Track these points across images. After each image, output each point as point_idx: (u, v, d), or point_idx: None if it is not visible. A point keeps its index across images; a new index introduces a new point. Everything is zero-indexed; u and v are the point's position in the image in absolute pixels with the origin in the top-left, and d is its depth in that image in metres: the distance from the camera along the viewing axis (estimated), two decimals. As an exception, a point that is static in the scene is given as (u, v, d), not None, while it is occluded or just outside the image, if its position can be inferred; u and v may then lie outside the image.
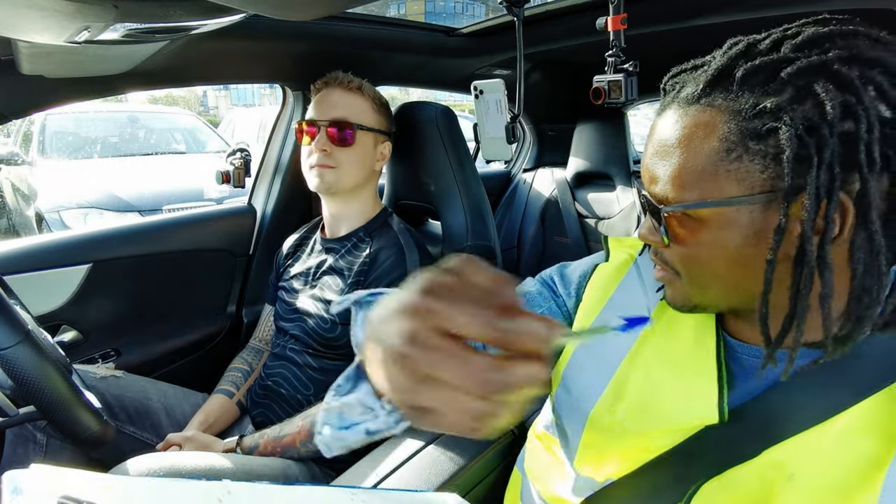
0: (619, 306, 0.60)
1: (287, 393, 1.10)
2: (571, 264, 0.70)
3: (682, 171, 0.44)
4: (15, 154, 4.12)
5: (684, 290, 0.49)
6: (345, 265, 1.11)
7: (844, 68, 0.39)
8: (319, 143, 1.09)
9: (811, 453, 0.44)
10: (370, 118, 1.14)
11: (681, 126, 0.44)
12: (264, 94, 19.36)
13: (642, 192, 0.49)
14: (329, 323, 1.08)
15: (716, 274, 0.46)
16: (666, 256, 0.49)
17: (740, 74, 0.42)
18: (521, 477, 0.71)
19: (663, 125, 0.46)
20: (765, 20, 1.02)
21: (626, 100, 0.89)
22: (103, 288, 1.25)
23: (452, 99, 15.50)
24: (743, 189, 0.42)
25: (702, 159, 0.43)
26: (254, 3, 0.58)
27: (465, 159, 1.28)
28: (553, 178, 2.11)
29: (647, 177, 0.48)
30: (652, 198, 0.47)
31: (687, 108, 0.45)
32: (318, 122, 1.10)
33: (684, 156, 0.44)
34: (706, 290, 0.48)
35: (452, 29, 1.46)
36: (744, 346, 0.52)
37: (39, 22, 0.58)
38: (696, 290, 0.48)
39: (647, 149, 0.48)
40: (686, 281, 0.48)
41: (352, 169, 1.11)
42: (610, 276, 0.63)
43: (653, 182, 0.47)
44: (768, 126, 0.40)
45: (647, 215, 0.49)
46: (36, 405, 0.75)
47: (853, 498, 0.41)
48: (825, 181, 0.39)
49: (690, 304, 0.50)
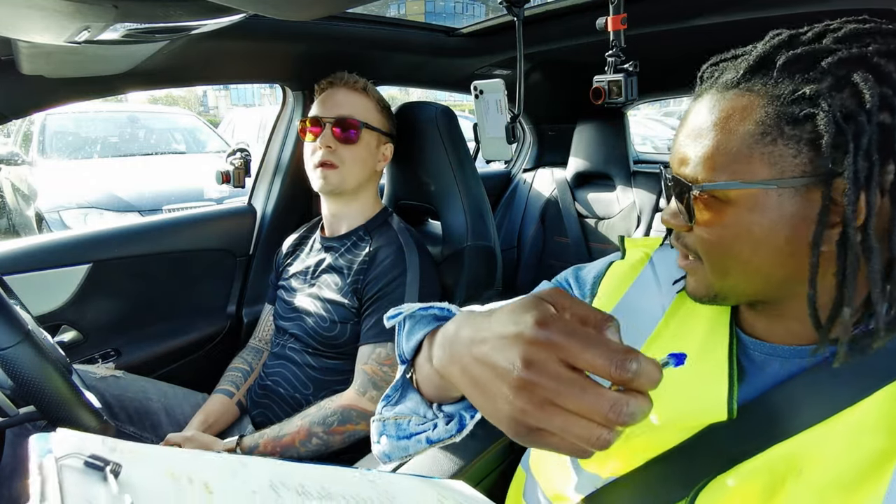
0: (632, 303, 0.61)
1: (286, 392, 1.11)
2: (586, 266, 0.71)
3: (715, 152, 0.45)
4: (15, 154, 4.12)
5: (706, 278, 0.49)
6: (344, 263, 1.11)
7: (883, 62, 0.41)
8: (324, 139, 1.09)
9: (820, 448, 0.44)
10: (374, 118, 1.14)
11: (718, 109, 0.45)
12: (264, 94, 19.35)
13: (669, 176, 0.50)
14: (328, 322, 1.08)
15: (739, 258, 0.46)
16: (688, 241, 0.49)
17: (781, 61, 0.43)
18: (525, 475, 0.71)
19: (699, 109, 0.47)
20: (765, 20, 1.02)
21: (626, 100, 0.89)
22: (103, 288, 1.25)
23: (452, 99, 15.50)
24: (774, 173, 0.43)
25: (736, 141, 0.44)
26: (254, 3, 0.58)
27: (465, 159, 1.28)
28: (553, 178, 2.11)
29: (676, 159, 0.48)
30: (682, 179, 0.47)
31: (725, 93, 0.46)
32: (323, 119, 1.10)
33: (718, 138, 0.45)
34: (728, 276, 0.48)
35: (452, 29, 1.46)
36: (756, 342, 0.52)
37: (39, 22, 0.58)
38: (717, 277, 0.48)
39: (679, 132, 0.49)
40: (708, 267, 0.48)
41: (355, 167, 1.12)
42: (625, 274, 0.64)
43: (683, 164, 0.47)
44: (805, 112, 0.41)
45: (673, 199, 0.50)
46: (36, 405, 0.75)
47: (860, 493, 0.41)
48: (864, 167, 0.40)
49: (712, 293, 0.50)
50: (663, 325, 0.57)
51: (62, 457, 0.28)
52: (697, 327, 0.55)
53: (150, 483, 0.30)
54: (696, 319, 0.56)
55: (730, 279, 0.48)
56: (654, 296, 0.60)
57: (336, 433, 0.98)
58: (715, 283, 0.49)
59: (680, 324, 0.57)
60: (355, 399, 1.00)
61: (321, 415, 0.99)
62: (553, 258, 2.10)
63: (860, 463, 0.42)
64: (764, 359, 0.51)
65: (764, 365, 0.51)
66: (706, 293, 0.50)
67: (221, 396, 1.16)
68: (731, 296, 0.50)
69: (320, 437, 0.98)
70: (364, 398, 1.00)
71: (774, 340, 0.51)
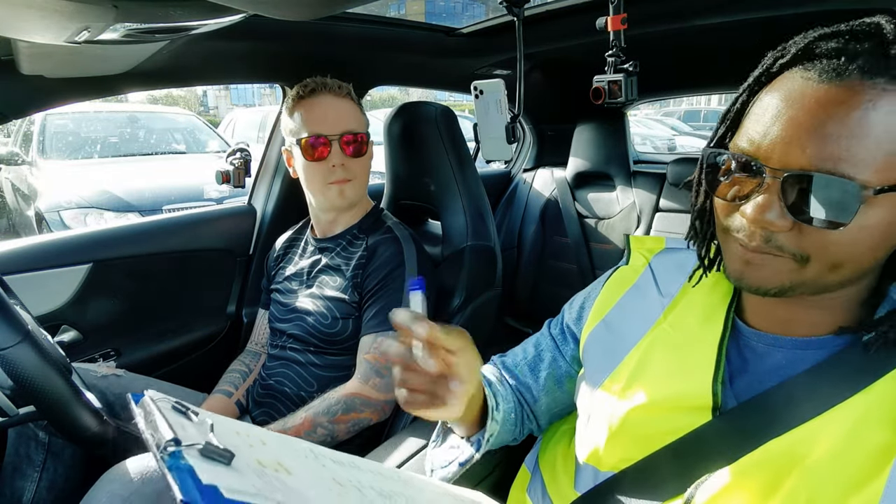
0: (628, 305, 0.64)
1: (291, 391, 1.11)
2: (578, 294, 0.75)
3: (886, 152, 0.40)
4: (15, 154, 4.12)
5: (792, 274, 0.45)
6: (341, 262, 1.12)
7: None
8: (337, 158, 1.08)
9: (822, 440, 0.44)
10: (363, 124, 1.15)
11: (881, 104, 0.40)
12: (264, 94, 19.35)
13: (792, 174, 0.42)
14: (329, 319, 1.08)
15: (860, 259, 0.44)
16: (784, 241, 0.44)
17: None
18: (529, 474, 0.73)
19: (845, 98, 0.40)
20: (765, 20, 1.02)
21: (626, 100, 0.89)
22: (103, 288, 1.25)
23: (452, 99, 15.50)
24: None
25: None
26: (254, 3, 0.58)
27: (465, 159, 1.28)
28: (553, 178, 2.11)
29: (820, 155, 0.41)
30: (843, 178, 0.41)
31: (883, 85, 0.40)
32: (330, 136, 1.08)
33: (888, 135, 0.40)
34: (833, 273, 0.44)
35: (452, 29, 1.46)
36: (759, 333, 0.52)
37: (39, 22, 0.58)
38: (818, 274, 0.44)
39: (810, 121, 0.41)
40: (816, 266, 0.44)
41: (365, 178, 1.14)
42: (624, 278, 0.67)
43: (837, 161, 0.40)
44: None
45: (794, 197, 0.43)
46: (36, 405, 0.75)
47: (860, 486, 0.41)
48: None
49: (786, 286, 0.46)
50: (661, 320, 0.59)
51: (156, 399, 0.35)
52: (691, 318, 0.57)
53: (227, 432, 0.36)
54: (692, 310, 0.57)
55: (830, 276, 0.44)
56: (654, 298, 0.62)
57: (341, 422, 0.98)
58: (809, 278, 0.45)
59: (676, 317, 0.58)
60: (359, 387, 1.01)
61: (325, 405, 0.99)
62: (553, 258, 2.10)
63: (863, 456, 0.42)
64: (766, 349, 0.52)
65: (766, 355, 0.52)
66: (779, 286, 0.46)
67: (220, 396, 1.16)
68: (810, 289, 0.46)
69: (325, 427, 0.98)
70: (367, 385, 1.01)
71: (777, 332, 0.51)
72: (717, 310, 0.56)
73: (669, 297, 0.61)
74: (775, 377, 0.50)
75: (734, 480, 0.47)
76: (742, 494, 0.46)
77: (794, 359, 0.50)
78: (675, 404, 0.53)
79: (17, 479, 0.99)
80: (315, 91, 1.10)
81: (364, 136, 1.11)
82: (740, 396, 0.51)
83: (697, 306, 0.58)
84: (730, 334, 0.54)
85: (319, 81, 1.11)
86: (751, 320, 0.54)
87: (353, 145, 1.09)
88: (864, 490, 0.41)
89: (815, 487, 0.43)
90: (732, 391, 0.52)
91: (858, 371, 0.45)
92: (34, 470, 0.99)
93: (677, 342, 0.56)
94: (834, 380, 0.46)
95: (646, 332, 0.59)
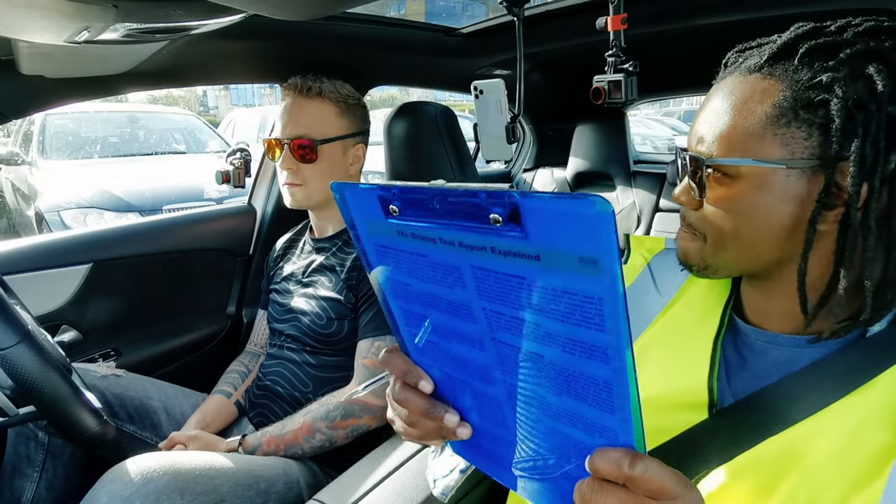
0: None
1: (285, 391, 1.11)
2: None
3: (731, 131, 0.47)
4: (15, 154, 4.12)
5: (702, 250, 0.52)
6: (336, 262, 1.11)
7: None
8: (285, 162, 1.09)
9: (821, 439, 0.44)
10: (333, 126, 1.11)
11: (739, 91, 0.48)
12: (264, 94, 19.35)
13: (683, 154, 0.52)
14: (325, 319, 1.08)
15: (738, 235, 0.49)
16: (693, 219, 0.52)
17: (803, 50, 0.45)
18: None
19: (720, 91, 0.50)
20: (765, 20, 1.02)
21: (626, 100, 0.89)
22: (103, 288, 1.25)
23: (452, 99, 15.50)
24: (785, 154, 0.45)
25: (752, 122, 0.46)
26: (254, 3, 0.58)
27: (465, 159, 1.28)
28: (553, 178, 2.11)
29: (694, 138, 0.51)
30: (698, 155, 0.50)
31: (747, 77, 0.48)
32: (282, 140, 1.08)
33: (736, 117, 0.47)
34: (724, 251, 0.50)
35: (452, 29, 1.46)
36: (756, 330, 0.53)
37: (39, 22, 0.58)
38: (713, 251, 0.51)
39: (699, 114, 0.51)
40: (709, 243, 0.51)
41: (320, 184, 1.10)
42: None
43: (699, 142, 0.50)
44: (820, 98, 0.43)
45: (686, 177, 0.52)
46: (36, 405, 0.75)
47: (861, 486, 0.41)
48: (870, 154, 0.42)
49: (703, 265, 0.52)
50: (659, 319, 0.60)
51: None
52: (689, 317, 0.58)
53: None
54: (690, 309, 0.58)
55: (725, 254, 0.50)
56: (652, 297, 0.62)
57: (339, 428, 0.98)
58: (709, 256, 0.51)
59: (674, 315, 0.59)
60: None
61: (323, 410, 0.99)
62: (553, 258, 2.09)
63: (861, 457, 0.42)
64: (764, 347, 0.52)
65: (764, 353, 0.52)
66: (697, 263, 0.52)
67: (219, 396, 1.16)
68: (721, 269, 0.52)
69: (323, 433, 0.98)
70: (366, 391, 1.00)
71: (773, 328, 0.52)
72: (713, 307, 0.56)
73: (668, 296, 0.61)
74: (774, 374, 0.50)
75: (731, 479, 0.47)
76: (739, 493, 0.46)
77: (792, 356, 0.50)
78: (671, 401, 0.53)
79: (17, 479, 0.99)
80: (285, 90, 1.12)
81: (309, 143, 1.07)
82: (738, 394, 0.51)
83: (695, 305, 0.58)
84: (728, 331, 0.55)
85: (290, 82, 1.11)
86: (750, 317, 0.54)
87: (301, 151, 1.08)
88: (864, 491, 0.41)
89: (815, 488, 0.43)
90: (730, 389, 0.52)
91: (857, 369, 0.45)
92: (34, 470, 0.99)
93: (674, 340, 0.57)
94: (833, 377, 0.46)
95: (643, 330, 0.60)
